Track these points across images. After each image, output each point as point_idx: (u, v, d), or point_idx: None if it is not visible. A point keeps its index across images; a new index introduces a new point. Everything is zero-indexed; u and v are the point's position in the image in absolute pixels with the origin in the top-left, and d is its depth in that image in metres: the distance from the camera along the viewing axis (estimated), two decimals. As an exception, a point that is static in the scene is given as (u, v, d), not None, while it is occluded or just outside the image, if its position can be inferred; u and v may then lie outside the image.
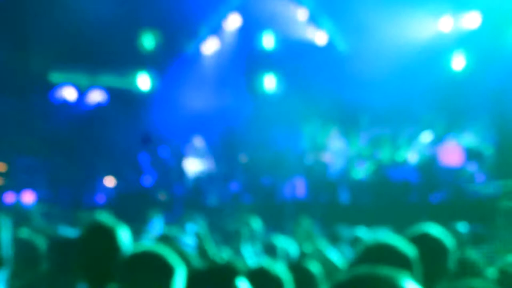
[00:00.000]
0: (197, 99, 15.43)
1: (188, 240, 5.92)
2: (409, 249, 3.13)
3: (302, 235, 7.18)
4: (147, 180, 15.06)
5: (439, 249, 3.69)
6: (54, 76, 15.77)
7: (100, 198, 15.05)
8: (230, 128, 15.71)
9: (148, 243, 6.00)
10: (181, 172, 14.90)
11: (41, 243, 4.80)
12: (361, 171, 13.78)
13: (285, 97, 15.62)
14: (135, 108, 15.97)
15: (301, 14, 15.97)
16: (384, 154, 13.73)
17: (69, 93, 16.01)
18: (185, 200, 14.24)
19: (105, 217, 3.82)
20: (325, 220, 11.57)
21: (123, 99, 16.08)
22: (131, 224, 4.05)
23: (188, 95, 15.61)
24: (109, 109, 16.14)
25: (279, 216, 12.67)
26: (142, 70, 16.09)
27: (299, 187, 14.03)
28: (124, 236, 3.69)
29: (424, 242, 3.60)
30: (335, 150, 14.11)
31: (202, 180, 14.86)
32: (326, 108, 14.79)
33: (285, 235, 7.64)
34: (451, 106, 14.02)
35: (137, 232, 7.05)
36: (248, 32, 16.12)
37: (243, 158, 15.28)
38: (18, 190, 14.44)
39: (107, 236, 3.66)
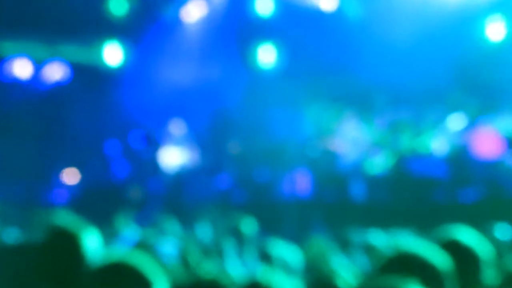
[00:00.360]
0: (177, 75, 15.41)
1: (168, 249, 5.94)
2: (442, 261, 3.13)
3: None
4: (118, 174, 15.06)
5: (470, 258, 3.71)
6: (4, 47, 15.72)
7: (61, 195, 15.06)
8: (218, 110, 15.70)
9: (121, 251, 6.02)
10: (158, 164, 14.91)
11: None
12: (377, 164, 13.82)
13: (286, 73, 15.61)
14: (102, 86, 15.94)
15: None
16: (405, 143, 13.76)
17: (22, 68, 15.98)
18: (163, 198, 14.26)
19: (67, 219, 3.82)
20: (333, 222, 11.61)
21: (88, 75, 16.05)
22: (99, 228, 4.07)
23: (166, 70, 15.58)
24: (71, 87, 16.11)
25: (277, 218, 12.71)
26: (111, 40, 16.06)
27: (302, 183, 14.07)
28: (91, 242, 3.70)
29: (453, 250, 3.61)
30: (346, 137, 14.13)
31: (183, 174, 14.88)
32: (335, 86, 14.80)
33: (284, 240, 7.67)
34: (485, 84, 14.04)
35: (106, 237, 7.07)
36: (240, -6, 16.11)
37: (233, 147, 15.29)
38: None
39: (70, 242, 3.67)
